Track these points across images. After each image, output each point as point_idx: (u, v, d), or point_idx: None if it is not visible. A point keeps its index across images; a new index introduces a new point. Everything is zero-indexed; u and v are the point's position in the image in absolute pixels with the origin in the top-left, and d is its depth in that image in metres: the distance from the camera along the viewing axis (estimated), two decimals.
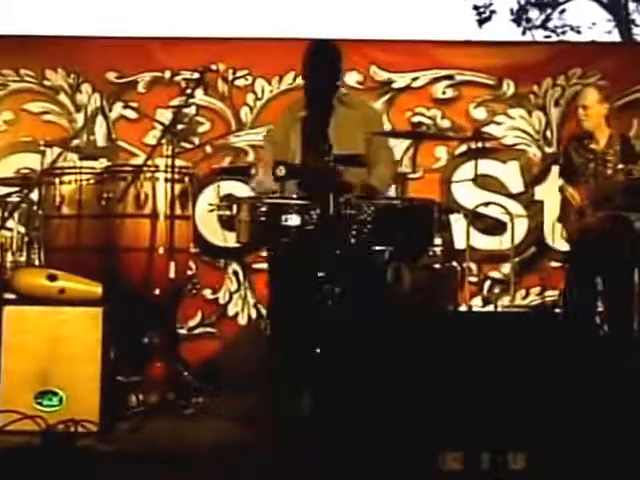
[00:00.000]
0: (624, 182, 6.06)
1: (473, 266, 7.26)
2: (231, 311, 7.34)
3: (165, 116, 6.97)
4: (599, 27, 21.23)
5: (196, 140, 7.30)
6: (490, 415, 3.94)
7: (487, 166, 7.28)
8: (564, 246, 6.74)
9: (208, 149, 7.25)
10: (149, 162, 5.73)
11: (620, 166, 6.09)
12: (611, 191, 6.09)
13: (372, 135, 5.63)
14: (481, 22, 21.33)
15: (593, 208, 6.18)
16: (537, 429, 3.95)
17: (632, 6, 21.02)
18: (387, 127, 7.25)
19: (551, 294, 7.28)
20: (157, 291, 5.68)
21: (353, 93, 6.71)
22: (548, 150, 7.46)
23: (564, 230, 6.52)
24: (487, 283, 7.43)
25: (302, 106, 5.71)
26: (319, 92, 5.67)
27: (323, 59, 5.61)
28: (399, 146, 7.16)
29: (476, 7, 21.37)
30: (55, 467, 4.19)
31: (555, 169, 6.95)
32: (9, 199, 6.28)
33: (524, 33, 21.17)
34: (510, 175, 7.47)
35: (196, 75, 6.17)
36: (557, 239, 6.95)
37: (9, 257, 6.05)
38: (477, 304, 7.29)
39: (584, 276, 6.29)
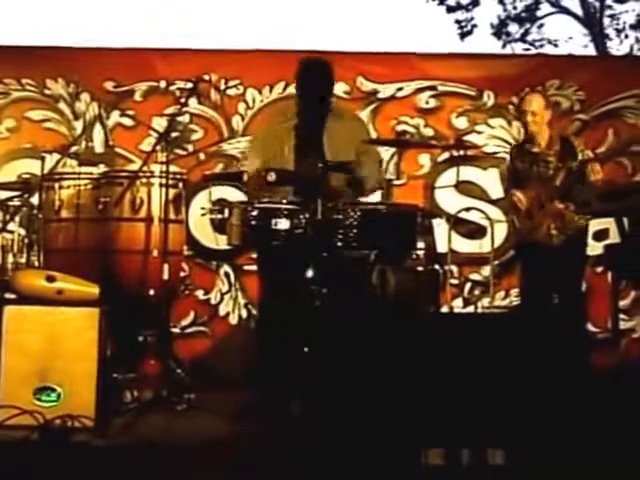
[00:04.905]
0: (600, 188, 6.06)
1: (454, 269, 7.25)
2: (222, 311, 7.31)
3: (160, 124, 6.93)
4: (575, 41, 21.43)
5: (190, 147, 7.28)
6: (470, 413, 3.93)
7: (468, 173, 7.25)
8: None
9: (201, 156, 7.23)
10: (144, 168, 5.73)
11: (559, 165, 6.14)
12: (588, 196, 6.09)
13: (361, 144, 5.67)
14: (463, 35, 21.44)
15: (540, 210, 6.19)
16: (515, 427, 3.95)
17: (607, 21, 21.11)
18: (373, 135, 7.26)
19: None
20: (151, 292, 5.67)
21: (340, 103, 6.72)
22: None
23: (513, 234, 6.59)
24: (468, 285, 7.42)
25: (293, 115, 5.73)
26: (313, 105, 5.68)
27: (317, 75, 5.64)
28: (384, 154, 7.16)
29: (458, 21, 21.48)
30: (52, 460, 4.17)
31: None
32: (11, 203, 6.25)
33: (504, 46, 21.29)
34: (490, 182, 7.45)
35: (190, 85, 6.15)
36: None
37: (10, 259, 6.01)
38: (458, 305, 7.28)
39: (539, 277, 6.30)
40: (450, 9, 21.47)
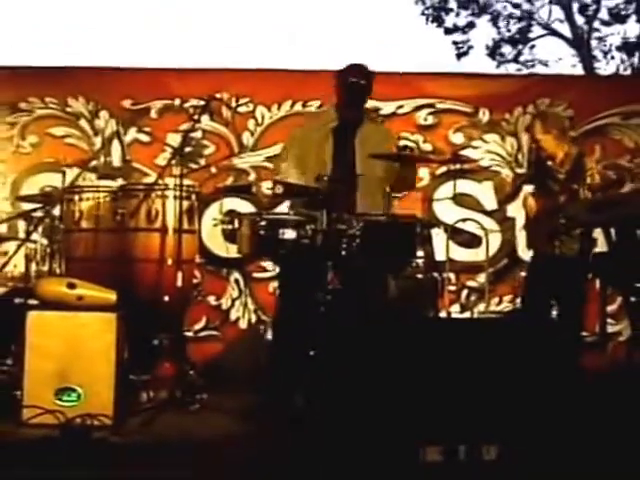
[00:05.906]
0: (589, 200, 6.04)
1: (452, 276, 7.25)
2: (233, 316, 7.32)
3: (175, 140, 6.95)
4: (565, 61, 21.48)
5: (202, 161, 7.29)
6: (466, 412, 3.93)
7: (465, 186, 7.26)
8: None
9: (213, 170, 7.23)
10: (160, 181, 5.73)
11: (566, 184, 6.09)
12: (578, 208, 6.06)
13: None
14: (459, 56, 21.47)
15: (547, 217, 6.18)
16: (507, 424, 3.95)
17: (594, 43, 21.16)
18: None
19: None
20: (166, 298, 5.66)
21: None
22: (519, 171, 7.47)
23: (527, 237, 6.57)
24: (464, 292, 7.43)
25: (334, 118, 5.67)
26: (353, 107, 5.65)
27: (361, 77, 5.59)
28: None
29: (455, 42, 21.51)
30: (73, 457, 4.19)
31: (526, 188, 6.93)
32: (34, 214, 6.27)
33: (498, 66, 21.32)
34: (485, 194, 7.48)
35: (203, 102, 6.17)
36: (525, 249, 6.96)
37: (33, 267, 6.02)
38: (455, 311, 7.28)
39: (540, 284, 6.28)
40: (448, 31, 21.53)
